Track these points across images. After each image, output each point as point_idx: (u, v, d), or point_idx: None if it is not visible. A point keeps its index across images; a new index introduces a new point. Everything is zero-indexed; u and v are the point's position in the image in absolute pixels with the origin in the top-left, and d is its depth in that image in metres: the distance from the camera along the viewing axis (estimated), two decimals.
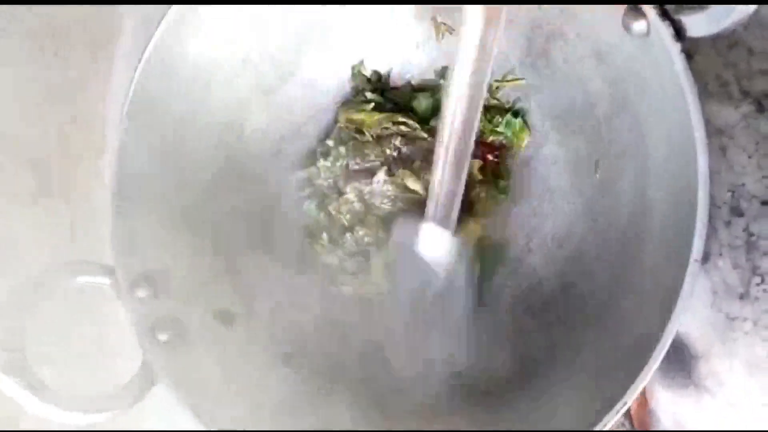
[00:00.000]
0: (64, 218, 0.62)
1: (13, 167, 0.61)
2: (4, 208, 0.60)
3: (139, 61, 0.40)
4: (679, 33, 0.30)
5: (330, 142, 0.45)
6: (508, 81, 0.42)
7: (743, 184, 0.33)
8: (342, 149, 0.44)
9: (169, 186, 0.42)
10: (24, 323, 0.37)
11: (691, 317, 0.34)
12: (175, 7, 0.39)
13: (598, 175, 0.39)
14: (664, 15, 0.30)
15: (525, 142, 0.42)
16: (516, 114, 0.42)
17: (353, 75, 0.46)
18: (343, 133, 0.45)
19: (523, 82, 0.42)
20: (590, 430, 0.31)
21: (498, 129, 0.42)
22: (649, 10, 0.30)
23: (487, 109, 0.42)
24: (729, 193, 0.33)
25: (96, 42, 0.62)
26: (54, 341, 0.54)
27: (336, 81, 0.46)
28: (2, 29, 0.61)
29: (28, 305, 0.37)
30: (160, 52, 0.40)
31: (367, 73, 0.46)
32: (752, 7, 0.27)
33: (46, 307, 0.40)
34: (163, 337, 0.39)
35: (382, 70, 0.46)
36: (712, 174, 0.33)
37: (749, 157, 0.33)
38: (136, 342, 0.39)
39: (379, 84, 0.46)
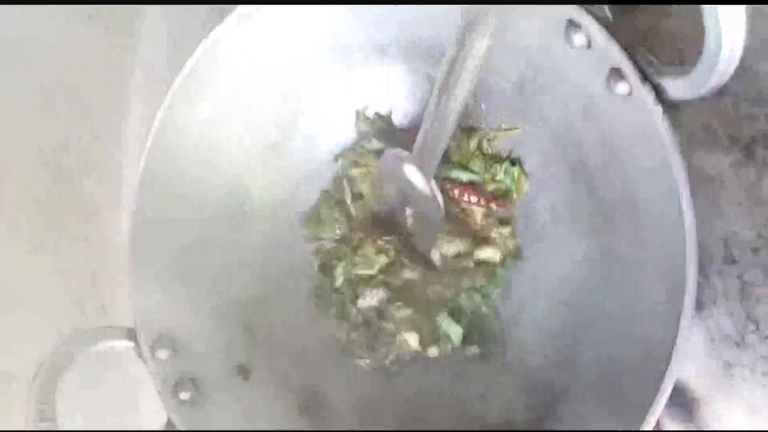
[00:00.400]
0: (83, 268, 0.64)
1: (30, 218, 0.63)
2: (26, 258, 0.63)
3: (150, 128, 0.42)
4: (660, 95, 0.31)
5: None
6: (503, 131, 0.43)
7: (735, 232, 0.34)
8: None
9: (183, 247, 0.43)
10: (54, 393, 0.39)
11: (690, 364, 0.35)
12: (179, 77, 0.41)
13: (593, 225, 0.40)
14: (645, 78, 0.31)
15: (525, 189, 0.44)
16: (513, 163, 0.43)
17: (357, 120, 0.47)
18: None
19: (517, 131, 0.43)
20: None
21: (497, 178, 0.44)
22: (630, 73, 0.31)
23: (485, 159, 0.44)
24: (721, 242, 0.34)
25: (108, 95, 0.64)
26: (82, 405, 0.56)
27: (336, 135, 0.48)
28: (15, 85, 0.64)
29: (55, 375, 0.39)
30: (168, 120, 0.41)
31: (371, 116, 0.47)
32: (729, 73, 0.28)
33: (72, 372, 0.42)
34: (184, 396, 0.41)
35: (384, 112, 0.48)
36: (704, 222, 0.34)
37: (739, 204, 0.34)
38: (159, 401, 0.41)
39: (384, 126, 0.47)
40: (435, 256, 0.45)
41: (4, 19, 0.61)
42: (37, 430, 0.37)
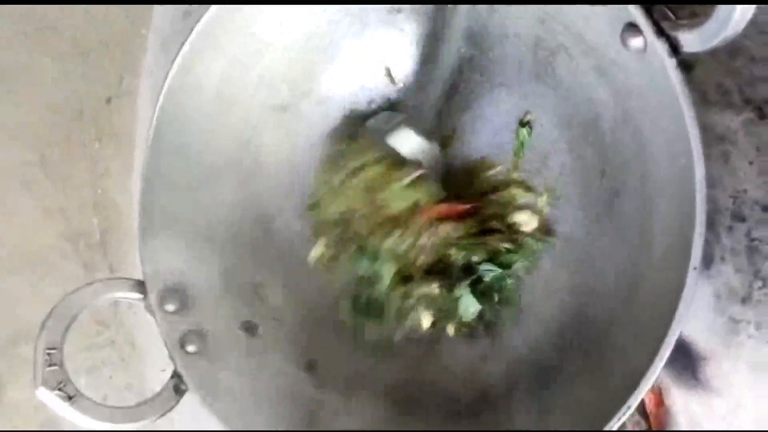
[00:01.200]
0: (95, 231, 0.65)
1: (44, 183, 0.64)
2: (37, 222, 0.63)
3: (163, 82, 0.42)
4: (675, 49, 0.31)
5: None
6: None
7: (745, 190, 0.34)
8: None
9: (193, 204, 0.44)
10: (63, 339, 0.39)
11: (695, 320, 0.35)
12: (195, 30, 0.41)
13: (603, 183, 0.40)
14: (660, 32, 0.31)
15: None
16: (524, 124, 0.43)
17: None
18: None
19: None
20: (600, 430, 0.32)
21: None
22: (645, 27, 0.31)
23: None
24: (731, 199, 0.34)
25: (122, 62, 0.65)
26: (91, 361, 0.57)
27: (349, 95, 0.48)
28: (30, 52, 0.64)
29: (65, 322, 0.40)
30: (182, 76, 0.42)
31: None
32: (744, 22, 0.28)
33: (83, 320, 0.42)
34: (191, 348, 0.41)
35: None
36: (714, 180, 0.34)
37: (750, 163, 0.34)
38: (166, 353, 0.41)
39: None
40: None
41: None
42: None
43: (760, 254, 0.33)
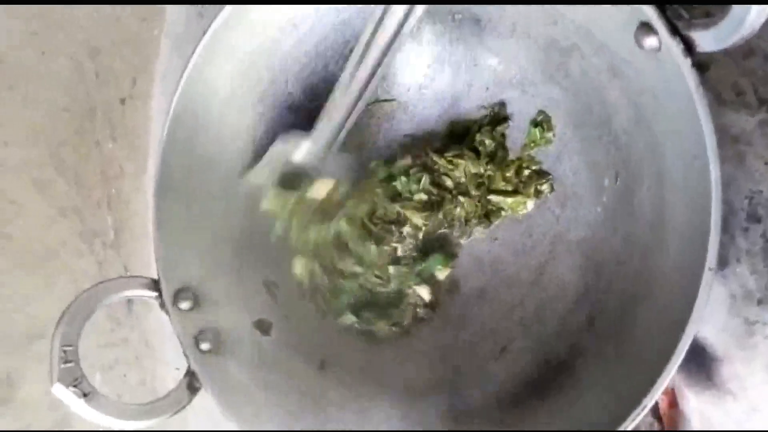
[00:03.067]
0: (108, 230, 0.65)
1: (57, 182, 0.64)
2: (51, 221, 0.64)
3: (177, 85, 0.42)
4: (689, 48, 0.30)
5: None
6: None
7: (761, 191, 0.34)
8: None
9: (206, 204, 0.44)
10: (78, 336, 0.40)
11: (710, 322, 0.35)
12: (207, 34, 0.41)
13: (617, 184, 0.40)
14: (675, 31, 0.31)
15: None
16: (536, 125, 0.44)
17: None
18: None
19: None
20: (614, 430, 0.32)
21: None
22: (660, 26, 0.31)
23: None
24: (746, 200, 0.34)
25: (135, 63, 0.65)
26: (105, 359, 0.57)
27: None
28: (43, 51, 0.65)
29: (81, 319, 0.40)
30: (196, 76, 0.42)
31: None
32: (760, 22, 0.28)
33: (97, 319, 0.43)
34: (205, 346, 0.41)
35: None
36: (730, 181, 0.34)
37: (766, 163, 0.34)
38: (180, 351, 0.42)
39: None
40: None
41: None
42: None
43: None
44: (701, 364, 0.37)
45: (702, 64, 0.32)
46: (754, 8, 0.27)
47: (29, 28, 0.65)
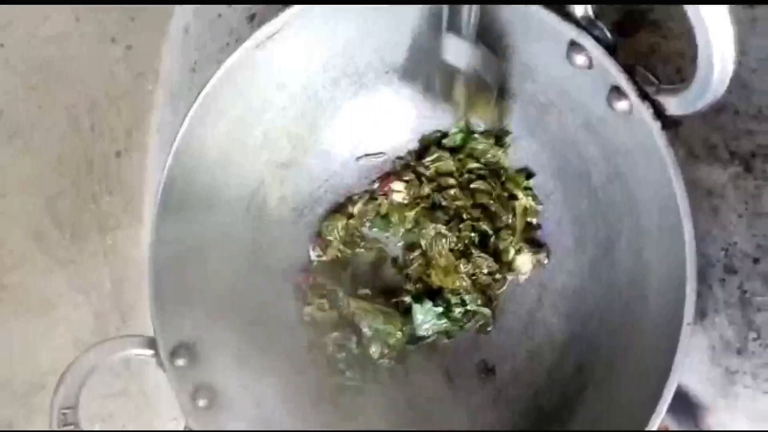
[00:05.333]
0: (105, 281, 0.66)
1: (54, 234, 0.65)
2: (48, 272, 0.65)
3: (171, 145, 0.43)
4: (659, 112, 0.32)
5: None
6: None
7: (735, 243, 0.35)
8: None
9: (202, 261, 0.45)
10: (78, 399, 0.40)
11: (693, 372, 0.36)
12: (201, 95, 0.43)
13: (598, 236, 0.41)
14: (644, 96, 0.32)
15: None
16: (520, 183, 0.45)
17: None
18: None
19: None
20: None
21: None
22: (630, 91, 0.33)
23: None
24: (722, 252, 0.35)
25: (130, 116, 0.67)
26: (105, 409, 0.58)
27: (350, 150, 0.49)
28: (40, 105, 0.67)
29: (80, 381, 0.41)
30: (188, 137, 0.43)
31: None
32: (721, 91, 0.29)
33: (96, 378, 0.43)
34: (202, 402, 0.42)
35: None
36: (705, 234, 0.35)
37: (740, 216, 0.35)
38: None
39: None
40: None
41: (34, 41, 0.65)
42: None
43: (753, 306, 0.34)
44: (688, 412, 0.37)
45: (674, 120, 0.33)
46: (716, 77, 0.29)
47: (28, 83, 0.67)
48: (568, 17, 0.34)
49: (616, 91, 0.33)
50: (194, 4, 0.60)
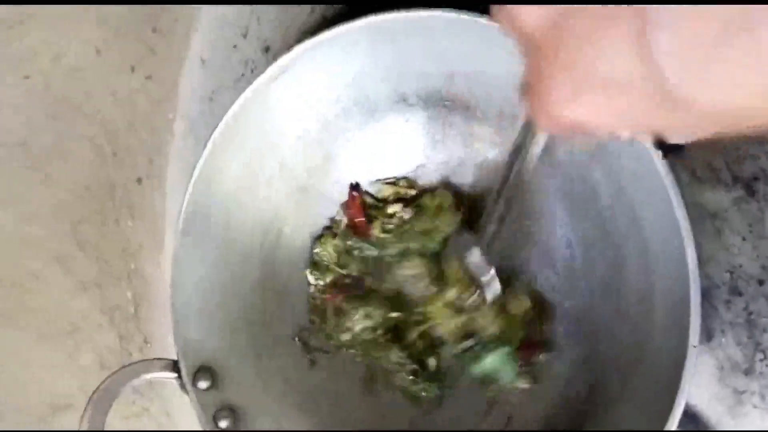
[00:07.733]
0: (129, 304, 0.68)
1: (78, 258, 0.67)
2: (72, 295, 0.67)
3: (191, 173, 0.45)
4: (660, 141, 0.33)
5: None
6: None
7: (740, 265, 0.36)
8: None
9: (221, 285, 0.47)
10: (103, 424, 0.42)
11: (701, 392, 0.36)
12: (219, 127, 0.44)
13: (607, 257, 0.42)
14: None
15: None
16: None
17: None
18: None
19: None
20: None
21: None
22: None
23: None
24: (727, 274, 0.36)
25: (150, 144, 0.69)
26: (126, 423, 0.59)
27: (363, 177, 0.51)
28: (62, 133, 0.69)
29: (105, 404, 0.42)
30: (207, 169, 0.45)
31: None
32: None
33: (120, 402, 0.45)
34: (224, 424, 0.43)
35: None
36: (710, 256, 0.36)
37: (743, 239, 0.36)
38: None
39: None
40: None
41: (57, 72, 0.67)
42: None
43: (758, 327, 0.35)
44: (697, 429, 0.38)
45: (676, 145, 0.34)
46: None
47: (49, 112, 0.69)
48: None
49: None
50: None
